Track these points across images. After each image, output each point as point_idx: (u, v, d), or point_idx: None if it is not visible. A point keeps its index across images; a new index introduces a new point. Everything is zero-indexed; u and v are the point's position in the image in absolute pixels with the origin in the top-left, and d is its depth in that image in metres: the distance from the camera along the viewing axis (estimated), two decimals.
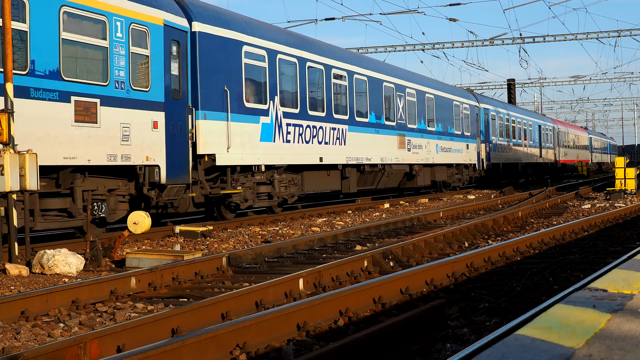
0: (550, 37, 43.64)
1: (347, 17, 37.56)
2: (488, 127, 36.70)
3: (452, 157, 31.13)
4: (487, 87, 68.71)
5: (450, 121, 31.19)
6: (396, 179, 25.90)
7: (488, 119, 36.86)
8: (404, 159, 25.65)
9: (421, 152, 27.32)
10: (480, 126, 35.43)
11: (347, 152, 21.46)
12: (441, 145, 29.66)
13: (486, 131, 36.33)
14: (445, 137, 30.27)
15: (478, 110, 35.38)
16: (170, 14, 14.51)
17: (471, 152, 33.73)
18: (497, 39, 43.95)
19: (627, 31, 42.68)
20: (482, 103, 36.33)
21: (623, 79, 66.40)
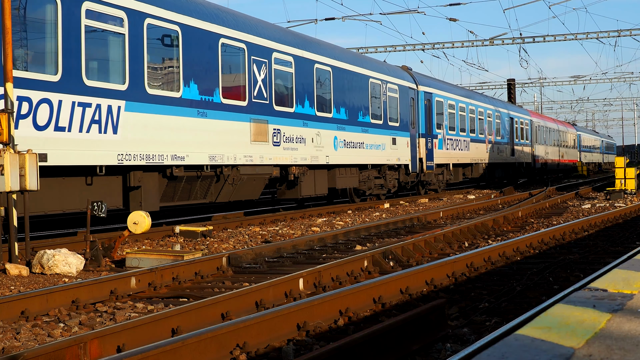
0: (550, 37, 43.63)
1: (347, 17, 37.56)
2: (431, 117, 28.15)
3: (367, 156, 22.64)
4: (487, 87, 68.72)
5: (364, 106, 22.58)
6: (253, 187, 17.26)
7: (431, 106, 28.21)
8: (268, 158, 17.09)
9: (303, 147, 18.71)
10: (418, 115, 26.96)
11: (123, 146, 12.83)
12: (344, 139, 21.06)
13: (428, 122, 27.75)
14: (352, 128, 21.68)
15: (415, 94, 26.89)
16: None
17: (401, 148, 25.25)
18: (497, 39, 43.95)
19: (627, 31, 42.67)
20: (423, 85, 27.78)
21: (623, 79, 66.40)
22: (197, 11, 15.02)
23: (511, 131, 41.38)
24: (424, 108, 27.70)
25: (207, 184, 15.71)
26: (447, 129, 30.02)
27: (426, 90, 28.09)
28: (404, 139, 25.75)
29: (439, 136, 28.93)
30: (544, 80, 67.97)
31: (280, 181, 19.23)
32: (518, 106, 48.60)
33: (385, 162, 24.03)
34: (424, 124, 27.54)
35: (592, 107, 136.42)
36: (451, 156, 30.39)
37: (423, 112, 27.61)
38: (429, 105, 28.18)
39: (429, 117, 28.11)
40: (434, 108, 28.63)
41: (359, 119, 22.37)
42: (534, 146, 46.93)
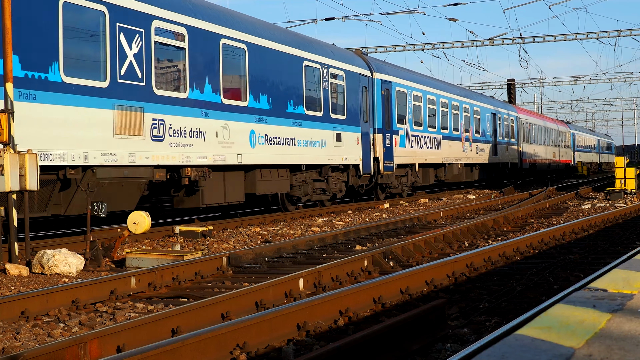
0: (550, 37, 43.64)
1: (347, 17, 37.56)
2: (391, 110, 24.23)
3: (300, 155, 18.68)
4: (487, 87, 68.73)
5: (296, 94, 18.56)
6: (124, 195, 13.39)
7: (391, 97, 24.32)
8: (144, 157, 13.23)
9: (202, 144, 14.71)
10: (372, 107, 23.13)
11: None
12: (266, 133, 17.09)
13: (387, 115, 23.87)
14: (278, 120, 17.72)
15: (369, 82, 23.03)
16: None
17: (349, 146, 21.32)
18: (497, 39, 43.95)
19: (627, 31, 42.67)
20: (380, 72, 23.88)
21: (623, 79, 66.41)
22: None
23: (494, 128, 37.50)
24: (381, 99, 23.51)
25: (49, 190, 11.90)
26: (411, 123, 26.01)
27: (384, 78, 23.97)
28: (352, 135, 21.61)
29: (401, 132, 24.96)
30: (544, 80, 67.99)
31: (174, 186, 15.09)
32: (504, 102, 44.21)
33: (326, 162, 19.95)
34: (381, 118, 23.49)
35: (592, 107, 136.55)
36: (417, 155, 26.43)
37: (380, 104, 23.45)
38: (387, 96, 24.05)
39: (388, 110, 24.05)
40: (394, 99, 24.56)
41: (288, 109, 18.12)
42: (521, 145, 43.06)
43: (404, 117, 25.46)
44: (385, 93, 24.07)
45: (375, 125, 23.28)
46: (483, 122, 35.66)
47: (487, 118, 36.42)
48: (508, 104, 43.96)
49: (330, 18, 38.54)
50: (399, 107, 25.23)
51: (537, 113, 55.64)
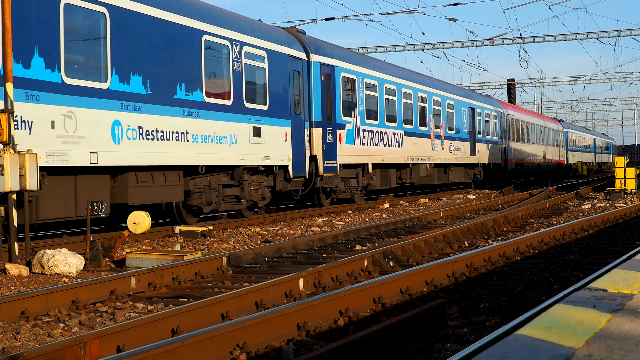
0: (550, 37, 43.64)
1: (347, 17, 37.57)
2: (334, 99, 20.33)
3: (197, 153, 14.66)
4: (487, 87, 68.74)
5: (190, 76, 14.59)
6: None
7: (334, 85, 20.42)
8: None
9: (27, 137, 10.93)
10: (309, 95, 19.37)
11: None
12: (140, 125, 13.26)
13: (328, 106, 20.05)
14: (162, 109, 13.78)
15: (304, 66, 19.21)
16: None
17: (272, 142, 17.50)
18: (497, 39, 43.96)
19: (627, 31, 42.68)
20: (320, 54, 19.95)
21: (623, 79, 66.43)
22: None
23: (472, 124, 33.60)
24: (320, 86, 19.62)
25: None
26: (363, 116, 22.11)
27: (325, 61, 20.04)
28: (278, 130, 17.80)
29: (348, 126, 21.16)
30: (544, 80, 68.01)
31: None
32: (486, 96, 40.26)
33: (238, 162, 16.04)
34: (321, 109, 19.62)
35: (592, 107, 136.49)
36: (370, 154, 22.67)
37: (319, 92, 19.60)
38: (329, 83, 20.13)
39: (330, 100, 20.13)
40: (338, 87, 20.61)
41: (177, 95, 14.10)
42: (505, 143, 39.34)
43: (352, 109, 21.55)
44: (327, 79, 20.04)
45: (312, 117, 19.39)
46: (458, 117, 31.64)
47: (463, 113, 32.23)
48: (490, 98, 39.99)
49: (330, 18, 38.56)
50: (346, 97, 21.26)
51: (526, 109, 50.46)
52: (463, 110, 32.54)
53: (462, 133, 32.13)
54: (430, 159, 27.89)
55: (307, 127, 19.32)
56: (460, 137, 31.85)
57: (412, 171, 26.57)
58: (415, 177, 26.89)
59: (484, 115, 35.80)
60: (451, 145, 30.64)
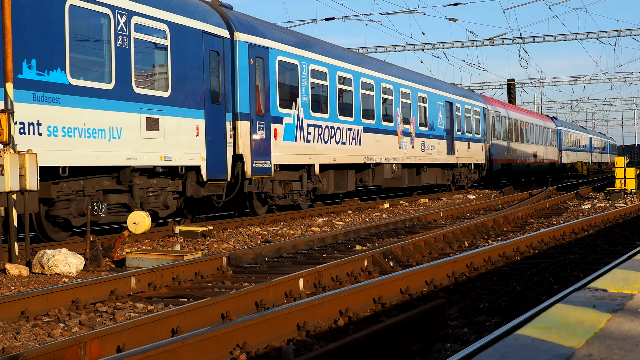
0: (550, 37, 43.64)
1: (347, 17, 37.58)
2: (266, 87, 17.18)
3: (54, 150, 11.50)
4: (487, 87, 68.77)
5: (46, 49, 11.46)
6: None
7: (267, 70, 17.24)
8: None
9: None
10: (233, 82, 16.23)
11: None
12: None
13: (258, 94, 16.89)
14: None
15: (225, 46, 15.90)
16: None
17: (177, 137, 14.40)
18: (497, 39, 43.96)
19: (627, 31, 42.69)
20: (248, 33, 16.75)
21: (623, 79, 66.44)
22: None
23: (450, 121, 30.41)
24: (249, 72, 16.47)
25: None
26: (307, 108, 18.91)
27: (255, 41, 16.72)
28: (186, 122, 14.58)
29: (287, 120, 17.94)
30: (544, 80, 68.03)
31: None
32: (468, 90, 37.58)
33: (124, 161, 12.95)
34: (249, 99, 16.44)
35: (592, 107, 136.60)
36: (318, 152, 19.38)
37: (247, 79, 16.41)
38: (261, 68, 16.98)
39: (263, 88, 17.03)
40: (273, 73, 17.47)
41: (22, 73, 11.02)
42: (490, 142, 36.07)
43: (293, 100, 18.28)
44: (258, 64, 16.81)
45: (237, 109, 16.18)
46: (432, 113, 28.41)
47: (438, 107, 29.00)
48: (473, 93, 36.45)
49: (330, 18, 38.57)
50: (285, 86, 18.09)
51: (514, 105, 47.56)
52: (439, 105, 29.19)
53: (437, 130, 28.84)
54: (397, 159, 24.66)
55: (230, 119, 16.06)
56: (435, 134, 28.62)
57: (375, 173, 23.58)
58: (379, 179, 23.87)
59: (464, 110, 32.27)
60: (424, 143, 27.38)
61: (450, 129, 30.48)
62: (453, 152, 30.66)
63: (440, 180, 29.91)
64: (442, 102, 29.81)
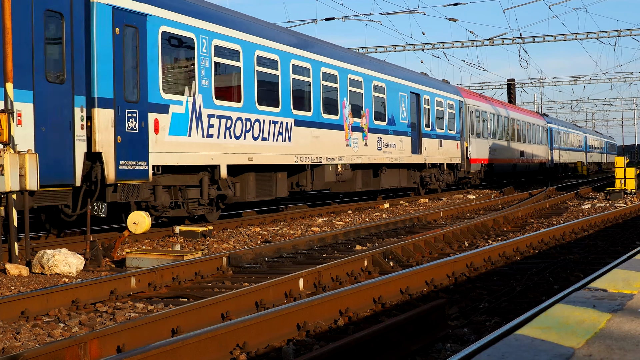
0: (550, 37, 43.65)
1: (347, 17, 37.57)
2: (143, 66, 13.43)
3: None
4: (487, 87, 68.76)
5: None
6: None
7: (143, 43, 13.45)
8: None
9: None
10: (90, 55, 12.38)
11: None
12: None
13: (131, 75, 13.13)
14: None
15: (74, 7, 12.03)
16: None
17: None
18: (497, 39, 43.97)
19: (627, 31, 42.69)
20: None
21: (623, 79, 66.44)
22: None
23: (417, 115, 26.43)
24: (110, 43, 12.64)
25: None
26: (209, 95, 15.07)
27: (125, 5, 12.98)
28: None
29: (177, 108, 14.15)
30: (544, 80, 68.03)
31: None
32: (443, 81, 32.30)
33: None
34: (112, 78, 12.68)
35: (592, 107, 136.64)
36: (225, 150, 15.57)
37: (110, 52, 12.63)
38: (131, 39, 13.14)
39: (136, 66, 13.21)
40: (153, 47, 13.63)
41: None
42: (468, 140, 32.07)
43: (186, 84, 14.52)
44: (128, 34, 13.06)
45: (93, 92, 12.36)
46: (393, 105, 24.28)
47: (401, 99, 24.96)
48: (447, 84, 32.03)
49: (330, 18, 38.56)
50: (172, 65, 14.43)
51: (498, 100, 42.82)
52: (401, 97, 24.99)
53: (399, 125, 24.74)
54: (344, 159, 20.53)
55: (82, 105, 12.26)
56: (396, 130, 24.47)
57: (315, 175, 19.36)
58: (320, 182, 19.63)
59: (434, 103, 28.12)
60: (381, 140, 23.25)
61: (417, 125, 26.42)
62: (420, 151, 26.59)
63: (406, 182, 26.21)
64: (406, 93, 25.53)
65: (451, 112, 30.39)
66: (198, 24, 14.97)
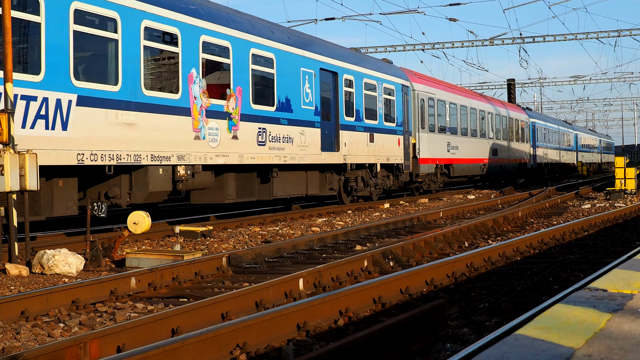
0: (550, 37, 43.65)
1: (347, 17, 37.58)
2: None
3: None
4: (487, 87, 68.75)
5: None
6: None
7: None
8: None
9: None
10: None
11: None
12: None
13: None
14: None
15: None
16: None
17: None
18: (497, 39, 43.97)
19: (627, 31, 42.69)
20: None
21: (623, 79, 66.45)
22: None
23: (334, 100, 20.09)
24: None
25: None
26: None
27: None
28: None
29: None
30: (544, 80, 68.03)
31: None
32: (383, 61, 25.76)
33: None
34: None
35: (592, 107, 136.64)
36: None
37: None
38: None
39: None
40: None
41: None
42: (417, 134, 26.04)
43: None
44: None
45: None
46: (287, 84, 17.71)
47: (304, 78, 18.39)
48: (387, 64, 25.37)
49: (330, 18, 38.57)
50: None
51: (464, 88, 36.80)
52: (305, 74, 18.43)
53: (299, 112, 18.13)
54: (189, 157, 14.24)
55: None
56: (293, 118, 17.84)
57: (134, 182, 13.34)
58: (142, 193, 13.40)
59: (361, 86, 21.75)
60: (264, 132, 16.64)
61: (332, 113, 20.05)
62: (337, 148, 20.03)
63: (318, 189, 19.83)
64: (313, 69, 18.94)
65: (389, 99, 23.99)
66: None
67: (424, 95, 27.39)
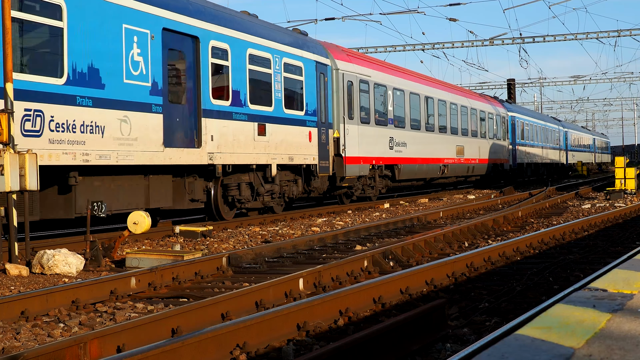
0: (550, 37, 43.65)
1: (347, 17, 37.58)
2: None
3: None
4: (487, 87, 68.76)
5: None
6: None
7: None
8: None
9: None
10: None
11: None
12: None
13: None
14: None
15: None
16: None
17: None
18: (497, 39, 43.97)
19: (627, 31, 42.69)
20: None
21: (623, 79, 66.46)
22: None
23: (192, 77, 14.79)
24: None
25: None
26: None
27: None
28: None
29: None
30: (544, 80, 68.04)
31: None
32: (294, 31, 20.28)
33: None
34: None
35: (592, 107, 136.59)
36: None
37: None
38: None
39: None
40: None
41: None
42: (339, 127, 20.72)
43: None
44: None
45: None
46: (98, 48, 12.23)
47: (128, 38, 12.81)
48: (298, 35, 19.79)
49: (330, 18, 38.58)
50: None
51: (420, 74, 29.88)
52: (128, 33, 12.90)
53: (117, 89, 12.70)
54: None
55: None
56: (105, 97, 12.43)
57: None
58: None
59: (246, 60, 16.53)
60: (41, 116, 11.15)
61: (192, 94, 14.85)
62: (198, 143, 14.86)
63: (169, 200, 14.69)
64: (150, 29, 13.54)
65: (296, 80, 18.72)
66: None
67: (353, 77, 21.59)
